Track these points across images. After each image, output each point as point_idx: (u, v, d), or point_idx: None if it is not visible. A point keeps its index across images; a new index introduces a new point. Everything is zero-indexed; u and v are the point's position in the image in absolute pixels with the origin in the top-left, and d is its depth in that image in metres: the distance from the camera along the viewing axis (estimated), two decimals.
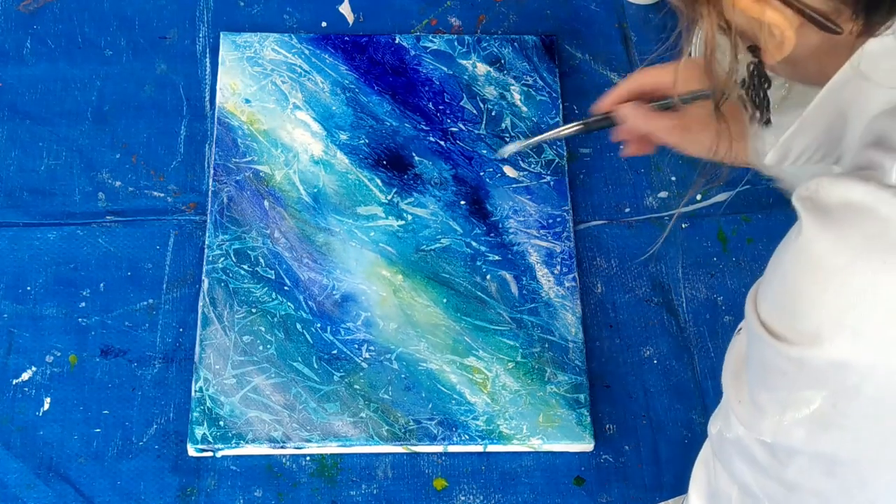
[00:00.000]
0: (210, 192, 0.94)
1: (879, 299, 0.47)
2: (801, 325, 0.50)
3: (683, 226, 0.96)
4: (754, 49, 0.56)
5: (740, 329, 0.60)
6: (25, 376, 0.87)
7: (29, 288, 0.90)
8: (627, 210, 0.97)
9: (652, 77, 0.79)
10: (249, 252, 0.91)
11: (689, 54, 0.56)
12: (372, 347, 0.88)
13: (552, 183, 0.96)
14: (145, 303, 0.90)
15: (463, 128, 0.98)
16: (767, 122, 0.61)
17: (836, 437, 0.52)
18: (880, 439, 0.52)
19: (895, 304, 0.47)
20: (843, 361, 0.49)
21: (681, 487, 0.79)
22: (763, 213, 0.96)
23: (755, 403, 0.55)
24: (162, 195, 0.95)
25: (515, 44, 1.03)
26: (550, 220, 0.94)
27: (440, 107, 0.99)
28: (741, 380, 0.57)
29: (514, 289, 0.91)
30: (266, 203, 0.94)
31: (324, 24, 1.05)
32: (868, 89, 0.54)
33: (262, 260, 0.91)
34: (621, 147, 0.84)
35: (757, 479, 0.59)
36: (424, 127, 0.98)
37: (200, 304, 0.89)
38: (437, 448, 0.85)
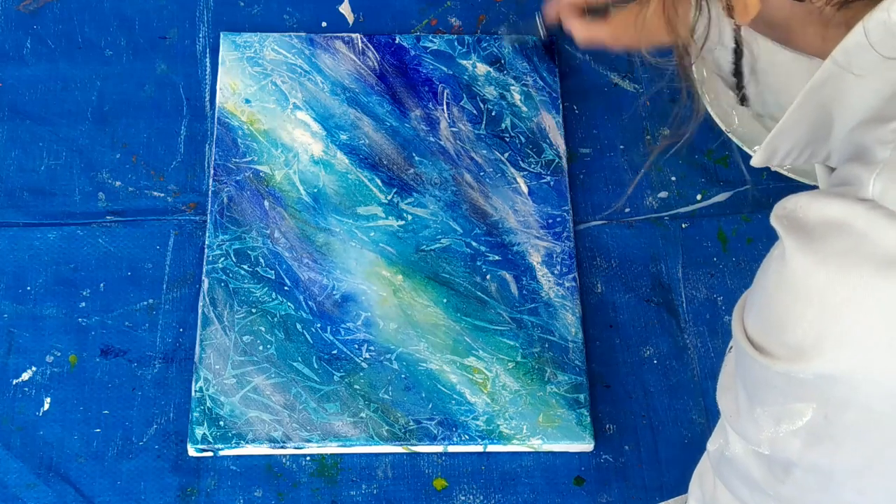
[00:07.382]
0: (210, 192, 0.94)
1: (859, 315, 0.48)
2: (785, 340, 0.50)
3: (683, 226, 0.96)
4: (729, 8, 0.55)
5: (731, 348, 0.60)
6: (25, 376, 0.87)
7: (29, 288, 0.90)
8: (627, 210, 0.97)
9: None
10: (249, 252, 0.91)
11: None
12: (372, 347, 0.88)
13: (552, 183, 0.96)
14: (145, 303, 0.90)
15: (463, 128, 0.98)
16: (743, 100, 0.61)
17: (830, 448, 0.52)
18: (873, 450, 0.52)
19: (874, 318, 0.47)
20: (829, 375, 0.49)
21: (681, 487, 0.79)
22: (763, 213, 0.96)
23: (751, 417, 0.55)
24: (162, 195, 0.95)
25: (515, 44, 1.03)
26: (550, 220, 0.94)
27: (440, 107, 0.99)
28: (735, 395, 0.57)
29: (514, 289, 0.91)
30: (266, 203, 0.94)
31: (324, 24, 1.05)
32: (850, 86, 0.54)
33: (262, 260, 0.91)
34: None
35: (754, 497, 0.59)
36: (424, 127, 0.98)
37: (200, 304, 0.89)
38: (437, 448, 0.85)
